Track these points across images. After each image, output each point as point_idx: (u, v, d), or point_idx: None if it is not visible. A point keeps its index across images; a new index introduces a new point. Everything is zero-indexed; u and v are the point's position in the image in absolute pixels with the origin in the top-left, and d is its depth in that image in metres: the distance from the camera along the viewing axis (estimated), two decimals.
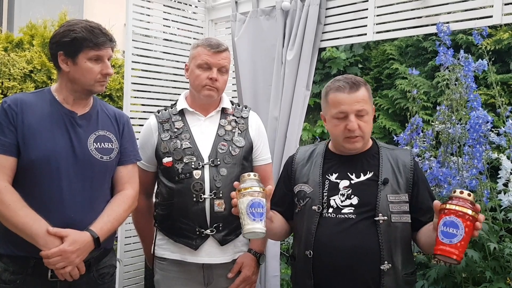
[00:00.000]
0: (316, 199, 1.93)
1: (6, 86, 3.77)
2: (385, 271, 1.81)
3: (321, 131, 5.71)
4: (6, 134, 1.85)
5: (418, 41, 5.35)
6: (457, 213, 1.61)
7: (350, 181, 1.92)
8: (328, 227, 1.88)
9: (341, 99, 1.89)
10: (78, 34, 1.90)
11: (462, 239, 1.59)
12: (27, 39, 4.17)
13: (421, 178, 1.96)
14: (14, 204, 1.80)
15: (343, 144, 1.93)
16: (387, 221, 1.83)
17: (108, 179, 2.04)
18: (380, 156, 1.96)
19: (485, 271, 2.24)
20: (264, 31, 3.18)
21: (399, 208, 1.86)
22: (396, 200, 1.87)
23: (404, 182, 1.90)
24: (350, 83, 1.90)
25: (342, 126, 1.89)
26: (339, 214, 1.88)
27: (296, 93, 2.98)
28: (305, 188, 1.98)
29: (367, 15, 2.82)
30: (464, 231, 1.59)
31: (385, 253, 1.81)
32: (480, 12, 2.47)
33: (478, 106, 2.39)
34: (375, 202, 1.85)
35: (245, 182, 1.76)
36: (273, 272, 3.00)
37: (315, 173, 1.99)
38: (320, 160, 2.02)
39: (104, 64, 1.96)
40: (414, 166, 1.95)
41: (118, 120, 2.11)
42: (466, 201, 1.62)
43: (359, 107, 1.87)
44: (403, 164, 1.93)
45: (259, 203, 1.72)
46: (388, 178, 1.89)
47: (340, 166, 1.98)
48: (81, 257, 1.84)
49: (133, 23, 3.18)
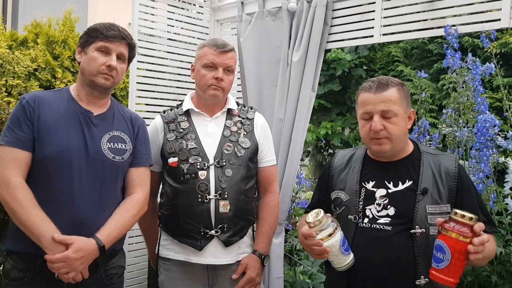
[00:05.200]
0: (352, 208, 1.86)
1: (10, 84, 3.76)
2: (421, 286, 1.73)
3: (325, 133, 5.70)
4: (23, 129, 1.88)
5: (424, 44, 5.35)
6: (444, 237, 1.55)
7: (387, 190, 1.84)
8: (363, 238, 1.81)
9: (367, 99, 1.83)
10: (94, 26, 2.00)
11: (450, 264, 1.52)
12: (32, 37, 4.16)
13: (466, 186, 1.82)
14: (27, 203, 1.81)
15: (371, 146, 1.87)
16: (424, 233, 1.75)
17: (120, 180, 2.04)
18: (421, 163, 1.86)
19: (491, 275, 2.23)
20: (270, 32, 3.16)
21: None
22: (437, 211, 1.77)
23: (447, 191, 1.80)
24: (378, 83, 1.83)
25: (368, 127, 1.83)
26: (374, 224, 1.81)
27: (301, 95, 2.96)
28: (341, 195, 1.92)
29: (374, 16, 2.81)
30: (452, 256, 1.52)
31: (421, 267, 1.72)
32: (488, 15, 2.45)
33: (485, 109, 2.38)
34: (412, 214, 1.76)
35: (320, 227, 1.70)
36: (277, 274, 2.99)
37: (352, 180, 1.92)
38: (358, 166, 1.94)
39: (111, 57, 1.98)
40: (459, 173, 1.82)
41: (133, 122, 2.13)
42: (459, 223, 1.54)
43: (384, 108, 1.79)
44: (445, 171, 1.82)
45: (344, 237, 1.73)
46: (428, 188, 1.79)
47: (377, 173, 1.89)
48: (85, 264, 1.84)
49: (138, 23, 3.17)
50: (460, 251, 1.52)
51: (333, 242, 1.68)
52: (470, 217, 1.53)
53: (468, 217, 1.53)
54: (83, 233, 1.86)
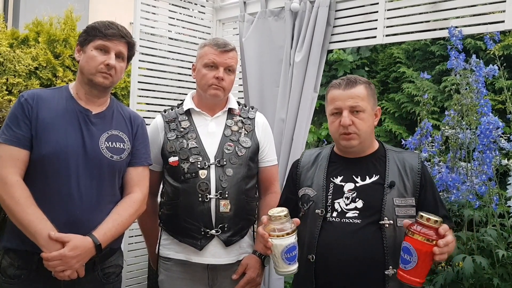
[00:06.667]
0: (319, 203, 1.90)
1: (11, 83, 3.76)
2: (389, 276, 1.78)
3: (326, 134, 5.68)
4: (21, 127, 1.87)
5: (426, 45, 5.34)
6: (411, 240, 1.61)
7: (355, 184, 1.90)
8: (331, 231, 1.85)
9: (336, 95, 1.91)
10: (93, 25, 1.98)
11: (417, 266, 1.59)
12: (33, 36, 4.16)
13: (429, 182, 1.93)
14: (23, 201, 1.80)
15: (340, 141, 1.92)
16: (392, 225, 1.81)
17: (117, 180, 2.02)
18: (386, 159, 1.93)
19: (493, 278, 2.21)
20: (272, 32, 3.16)
21: (405, 212, 1.83)
22: (403, 203, 1.84)
23: (411, 185, 1.87)
24: (347, 81, 1.91)
25: (337, 122, 1.89)
26: (343, 218, 1.86)
27: (303, 95, 2.96)
28: (309, 191, 1.96)
29: (377, 17, 2.80)
30: (418, 258, 1.58)
31: (390, 258, 1.78)
32: (492, 17, 2.44)
33: (489, 111, 2.36)
34: (381, 206, 1.83)
35: (277, 223, 1.70)
36: (277, 275, 2.98)
37: (319, 177, 1.97)
38: (325, 163, 2.00)
39: (109, 56, 1.96)
40: (422, 169, 1.92)
41: (132, 121, 2.11)
42: (424, 226, 1.60)
43: (352, 103, 1.86)
44: (410, 167, 1.90)
45: (294, 247, 1.71)
46: (395, 181, 1.86)
47: (345, 169, 1.95)
48: (81, 262, 1.83)
49: (140, 22, 3.16)
50: (426, 253, 1.59)
51: (278, 243, 1.69)
52: (435, 220, 1.61)
53: (433, 220, 1.60)
54: (80, 231, 1.84)
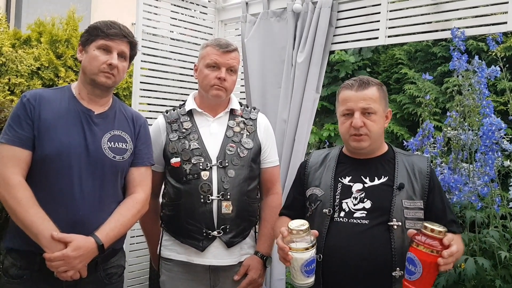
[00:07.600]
0: (327, 202, 1.90)
1: (13, 83, 3.76)
2: (396, 278, 1.77)
3: (327, 135, 5.68)
4: (23, 127, 1.87)
5: (428, 47, 5.33)
6: (415, 251, 1.59)
7: (363, 184, 1.89)
8: (339, 231, 1.84)
9: (348, 96, 1.90)
10: (95, 24, 1.98)
11: (421, 277, 1.57)
12: (35, 36, 4.16)
13: (437, 186, 1.91)
14: (26, 201, 1.80)
15: (350, 142, 1.91)
16: (400, 227, 1.80)
17: (120, 180, 2.02)
18: (396, 161, 1.93)
19: (495, 279, 2.21)
20: (275, 33, 3.16)
21: (414, 214, 1.82)
22: (411, 206, 1.83)
23: (420, 188, 1.86)
24: (360, 82, 1.90)
25: (348, 123, 1.89)
26: (351, 218, 1.85)
27: (305, 96, 2.95)
28: (316, 191, 1.96)
29: (379, 18, 2.80)
30: (423, 269, 1.57)
31: (397, 259, 1.77)
32: (494, 18, 2.44)
33: (491, 112, 2.36)
34: (389, 207, 1.82)
35: (298, 237, 1.69)
36: (279, 275, 2.99)
37: (327, 177, 1.96)
38: (333, 163, 1.99)
39: (112, 55, 1.96)
40: (431, 173, 1.91)
41: (135, 121, 2.11)
42: (428, 237, 1.58)
43: (365, 105, 1.86)
44: (419, 170, 1.89)
45: (313, 260, 1.71)
46: (404, 183, 1.86)
47: (353, 169, 1.95)
48: (84, 263, 1.83)
49: (143, 22, 3.16)
50: (430, 264, 1.57)
51: (298, 257, 1.68)
52: (439, 230, 1.58)
53: (438, 231, 1.58)
54: (83, 232, 1.84)
